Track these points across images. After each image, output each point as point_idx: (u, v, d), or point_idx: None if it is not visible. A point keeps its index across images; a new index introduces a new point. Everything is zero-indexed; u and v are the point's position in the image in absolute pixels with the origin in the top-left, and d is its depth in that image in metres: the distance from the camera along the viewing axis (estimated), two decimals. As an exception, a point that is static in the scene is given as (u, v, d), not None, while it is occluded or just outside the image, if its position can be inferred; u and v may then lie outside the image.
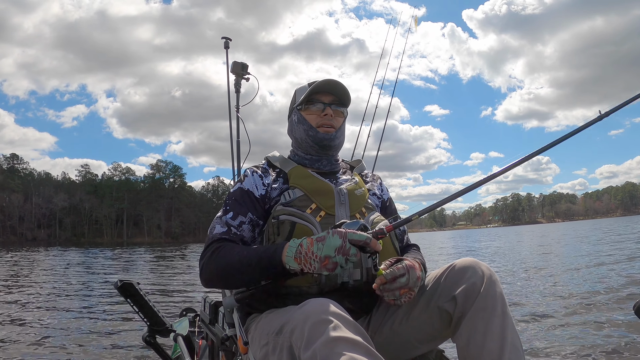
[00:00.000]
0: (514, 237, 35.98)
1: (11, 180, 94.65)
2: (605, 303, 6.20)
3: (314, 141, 1.79)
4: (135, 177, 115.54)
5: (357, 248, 1.35)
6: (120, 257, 26.20)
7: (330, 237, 1.35)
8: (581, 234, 33.65)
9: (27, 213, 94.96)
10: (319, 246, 1.35)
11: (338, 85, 1.77)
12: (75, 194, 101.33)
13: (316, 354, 1.12)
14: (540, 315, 5.74)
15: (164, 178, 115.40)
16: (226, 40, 3.10)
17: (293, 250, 1.40)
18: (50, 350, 4.55)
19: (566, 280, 8.52)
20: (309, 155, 1.83)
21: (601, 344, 4.24)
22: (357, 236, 1.35)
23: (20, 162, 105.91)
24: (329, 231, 1.38)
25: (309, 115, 1.80)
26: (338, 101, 1.80)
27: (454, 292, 1.44)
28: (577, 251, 16.88)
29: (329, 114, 1.77)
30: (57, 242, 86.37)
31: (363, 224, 1.42)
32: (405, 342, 1.56)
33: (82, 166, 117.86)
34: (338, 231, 1.37)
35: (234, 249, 1.55)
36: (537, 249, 20.30)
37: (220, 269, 1.53)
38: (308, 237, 1.41)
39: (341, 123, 1.82)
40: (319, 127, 1.78)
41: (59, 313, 6.83)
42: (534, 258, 14.81)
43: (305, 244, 1.38)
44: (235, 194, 1.72)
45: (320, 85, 1.77)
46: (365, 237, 1.35)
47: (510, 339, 1.35)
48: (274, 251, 1.45)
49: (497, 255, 17.29)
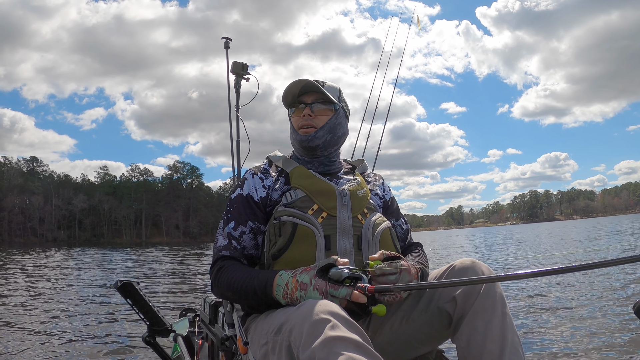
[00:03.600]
0: (531, 237, 35.54)
1: (31, 183, 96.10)
2: (606, 303, 6.14)
3: (298, 144, 1.78)
4: (153, 178, 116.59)
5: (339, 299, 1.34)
6: (138, 257, 26.47)
7: (312, 291, 1.37)
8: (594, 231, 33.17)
9: (47, 214, 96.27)
10: (302, 294, 1.38)
11: (307, 84, 1.74)
12: (95, 195, 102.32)
13: (315, 354, 1.12)
14: (540, 315, 5.70)
15: (181, 179, 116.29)
16: (226, 41, 3.10)
17: (280, 290, 1.43)
18: (51, 350, 4.56)
19: (567, 280, 8.40)
20: (302, 157, 1.82)
21: (601, 344, 4.21)
22: (338, 293, 1.34)
23: (39, 165, 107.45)
24: (311, 280, 1.38)
25: (294, 118, 1.79)
26: (322, 99, 1.76)
27: (454, 293, 1.44)
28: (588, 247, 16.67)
29: (306, 114, 1.75)
30: (77, 242, 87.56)
31: (347, 274, 1.38)
32: (405, 343, 1.56)
33: (101, 168, 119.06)
34: (319, 286, 1.36)
35: (232, 274, 1.56)
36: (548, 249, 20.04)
37: (226, 291, 1.60)
38: (293, 278, 1.42)
39: (325, 121, 1.76)
40: (299, 130, 1.76)
41: (59, 313, 6.86)
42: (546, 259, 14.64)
43: (290, 286, 1.41)
44: (235, 201, 1.72)
45: (289, 88, 1.75)
46: (345, 294, 1.33)
47: (510, 340, 1.35)
48: (264, 286, 1.47)
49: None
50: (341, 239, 1.60)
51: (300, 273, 1.42)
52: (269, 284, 1.46)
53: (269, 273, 1.50)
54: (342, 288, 1.34)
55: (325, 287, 1.35)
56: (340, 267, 1.39)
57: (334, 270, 1.39)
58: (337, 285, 1.35)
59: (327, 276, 1.39)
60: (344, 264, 1.40)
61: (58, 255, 30.77)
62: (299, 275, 1.41)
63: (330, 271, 1.39)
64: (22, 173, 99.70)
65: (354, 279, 1.37)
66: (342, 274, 1.37)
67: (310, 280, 1.38)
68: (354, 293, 1.33)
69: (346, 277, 1.37)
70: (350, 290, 1.34)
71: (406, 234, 1.88)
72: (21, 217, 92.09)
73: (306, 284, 1.38)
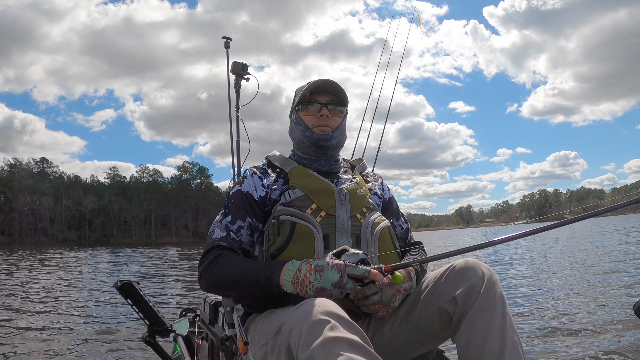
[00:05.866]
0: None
1: (41, 184, 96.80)
2: (606, 302, 6.12)
3: (310, 142, 1.78)
4: (162, 179, 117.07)
5: (354, 281, 1.38)
6: (147, 257, 26.59)
7: (329, 270, 1.37)
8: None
9: (57, 215, 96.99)
10: (317, 276, 1.37)
11: (335, 86, 1.76)
12: (104, 196, 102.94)
13: (314, 354, 1.12)
14: (540, 315, 5.68)
15: (191, 179, 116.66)
16: (226, 40, 3.12)
17: (291, 275, 1.42)
18: (51, 350, 4.58)
19: (568, 279, 8.35)
20: (308, 156, 1.82)
21: (601, 344, 4.20)
22: (356, 271, 1.37)
23: (50, 166, 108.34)
24: (328, 262, 1.39)
25: (305, 116, 1.79)
26: (336, 101, 1.78)
27: (454, 293, 1.43)
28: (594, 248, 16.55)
29: (324, 114, 1.76)
30: (87, 243, 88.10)
31: (363, 257, 1.41)
32: (405, 343, 1.55)
33: (110, 169, 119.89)
34: (337, 264, 1.37)
35: (232, 261, 1.56)
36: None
37: (219, 280, 1.56)
38: (307, 263, 1.42)
39: (339, 123, 1.79)
40: (314, 128, 1.77)
41: (59, 313, 6.89)
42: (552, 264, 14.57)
43: (304, 271, 1.40)
44: (234, 196, 1.72)
45: (316, 86, 1.76)
46: (364, 271, 1.37)
47: (511, 340, 1.34)
48: (272, 272, 1.46)
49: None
50: (340, 238, 1.60)
51: (315, 260, 1.43)
52: (278, 269, 1.46)
53: (277, 262, 1.51)
54: (360, 266, 1.38)
55: (343, 266, 1.37)
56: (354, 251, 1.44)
57: (348, 253, 1.42)
58: (355, 265, 1.38)
59: (343, 257, 1.42)
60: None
61: (66, 255, 31.01)
62: (314, 261, 1.42)
63: (344, 254, 1.42)
64: (33, 174, 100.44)
65: (367, 263, 1.41)
66: (359, 255, 1.41)
67: (326, 262, 1.39)
68: (372, 271, 1.37)
69: (362, 258, 1.41)
70: (369, 268, 1.37)
71: (406, 233, 1.88)
72: (32, 218, 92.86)
73: (322, 265, 1.38)
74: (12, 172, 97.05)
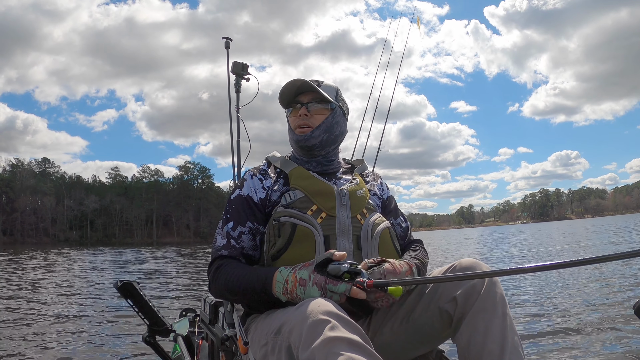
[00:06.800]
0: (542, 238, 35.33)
1: (43, 184, 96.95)
2: (607, 303, 6.12)
3: (294, 143, 1.78)
4: (164, 179, 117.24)
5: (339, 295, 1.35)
6: (147, 257, 26.60)
7: (310, 287, 1.37)
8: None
9: (59, 215, 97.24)
10: (301, 290, 1.39)
11: (302, 85, 1.73)
12: (106, 196, 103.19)
13: (314, 354, 1.12)
14: (540, 315, 5.67)
15: (192, 179, 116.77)
16: (227, 41, 3.12)
17: (280, 287, 1.44)
18: (51, 349, 4.58)
19: (566, 280, 8.35)
20: (301, 157, 1.81)
21: (602, 344, 4.19)
22: (336, 289, 1.34)
23: (51, 166, 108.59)
24: (310, 276, 1.38)
25: (291, 118, 1.79)
26: (318, 98, 1.75)
27: (455, 293, 1.43)
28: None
29: (302, 114, 1.74)
30: (89, 243, 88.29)
31: (345, 269, 1.37)
32: (405, 343, 1.55)
33: (112, 169, 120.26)
34: (318, 282, 1.37)
35: (231, 271, 1.56)
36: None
37: (223, 291, 1.60)
38: (293, 274, 1.42)
39: (321, 121, 1.75)
40: (296, 129, 1.76)
41: (60, 312, 6.90)
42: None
43: (290, 283, 1.41)
44: (234, 201, 1.72)
45: (285, 89, 1.74)
46: (344, 289, 1.34)
47: (511, 340, 1.34)
48: (264, 282, 1.47)
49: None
50: (340, 239, 1.60)
51: (300, 269, 1.43)
52: (269, 280, 1.46)
53: (269, 270, 1.50)
54: (340, 284, 1.34)
55: (323, 283, 1.36)
56: (339, 261, 1.38)
57: (332, 265, 1.38)
58: (335, 281, 1.35)
59: (326, 271, 1.38)
60: (342, 257, 1.39)
61: (67, 254, 31.02)
62: (299, 271, 1.42)
63: (329, 266, 1.38)
64: (35, 174, 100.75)
65: (353, 274, 1.36)
66: (341, 269, 1.36)
67: (309, 276, 1.38)
68: (352, 289, 1.33)
69: (345, 272, 1.36)
70: (349, 285, 1.34)
71: (406, 231, 1.87)
72: (33, 218, 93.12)
73: (305, 279, 1.38)
74: (14, 173, 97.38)
